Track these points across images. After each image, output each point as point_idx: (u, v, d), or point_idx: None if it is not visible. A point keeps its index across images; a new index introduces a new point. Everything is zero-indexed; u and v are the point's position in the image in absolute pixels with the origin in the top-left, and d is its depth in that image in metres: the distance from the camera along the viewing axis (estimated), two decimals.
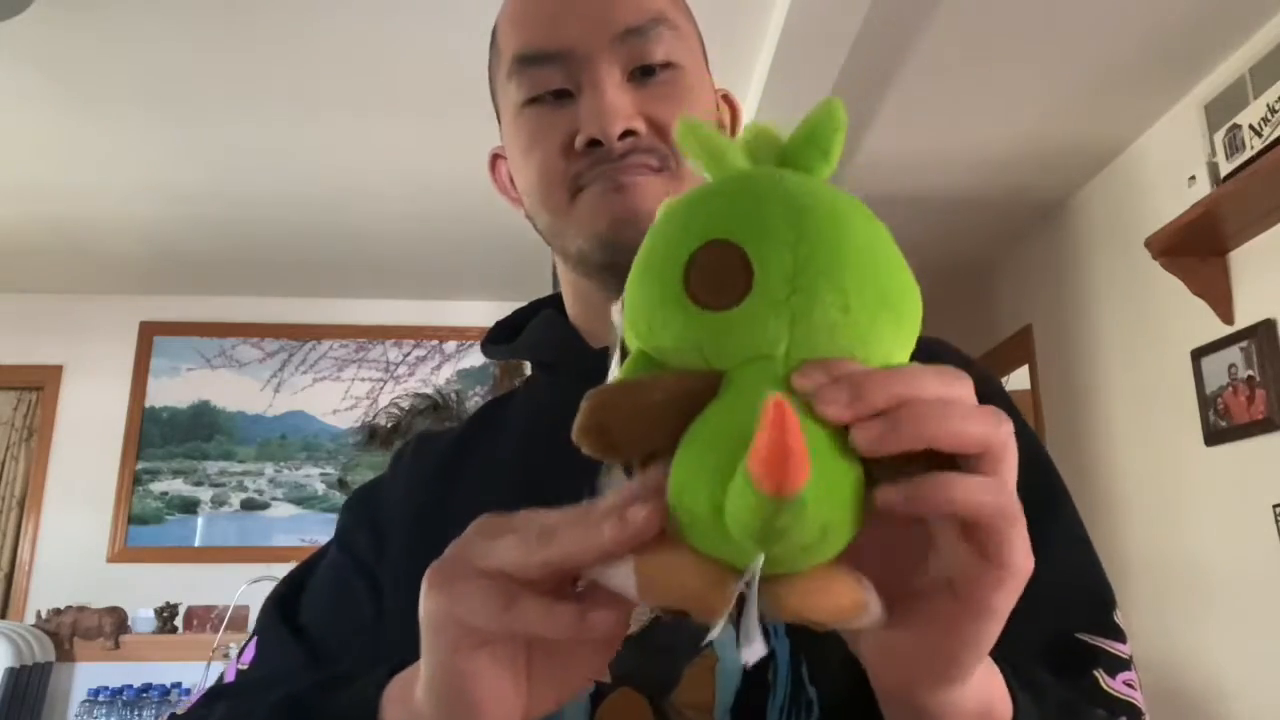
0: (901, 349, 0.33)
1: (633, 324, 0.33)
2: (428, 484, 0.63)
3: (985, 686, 0.38)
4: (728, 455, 0.29)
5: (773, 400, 0.26)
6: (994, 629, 0.33)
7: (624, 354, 0.35)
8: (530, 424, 0.63)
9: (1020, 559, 0.31)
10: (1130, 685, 0.52)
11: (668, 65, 0.59)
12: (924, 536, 0.32)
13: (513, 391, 0.71)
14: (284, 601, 0.63)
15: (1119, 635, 0.54)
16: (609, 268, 0.58)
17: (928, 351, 0.53)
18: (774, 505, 0.27)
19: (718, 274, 0.31)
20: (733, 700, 0.49)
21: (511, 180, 0.67)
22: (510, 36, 0.61)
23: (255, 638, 0.62)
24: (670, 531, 0.31)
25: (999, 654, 0.38)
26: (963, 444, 0.30)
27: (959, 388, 0.32)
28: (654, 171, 0.57)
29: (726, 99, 0.68)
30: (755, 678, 0.49)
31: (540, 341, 0.67)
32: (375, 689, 0.43)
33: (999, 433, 0.31)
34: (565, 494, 0.57)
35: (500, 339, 0.71)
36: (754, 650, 0.29)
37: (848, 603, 0.30)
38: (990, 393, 0.56)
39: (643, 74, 0.58)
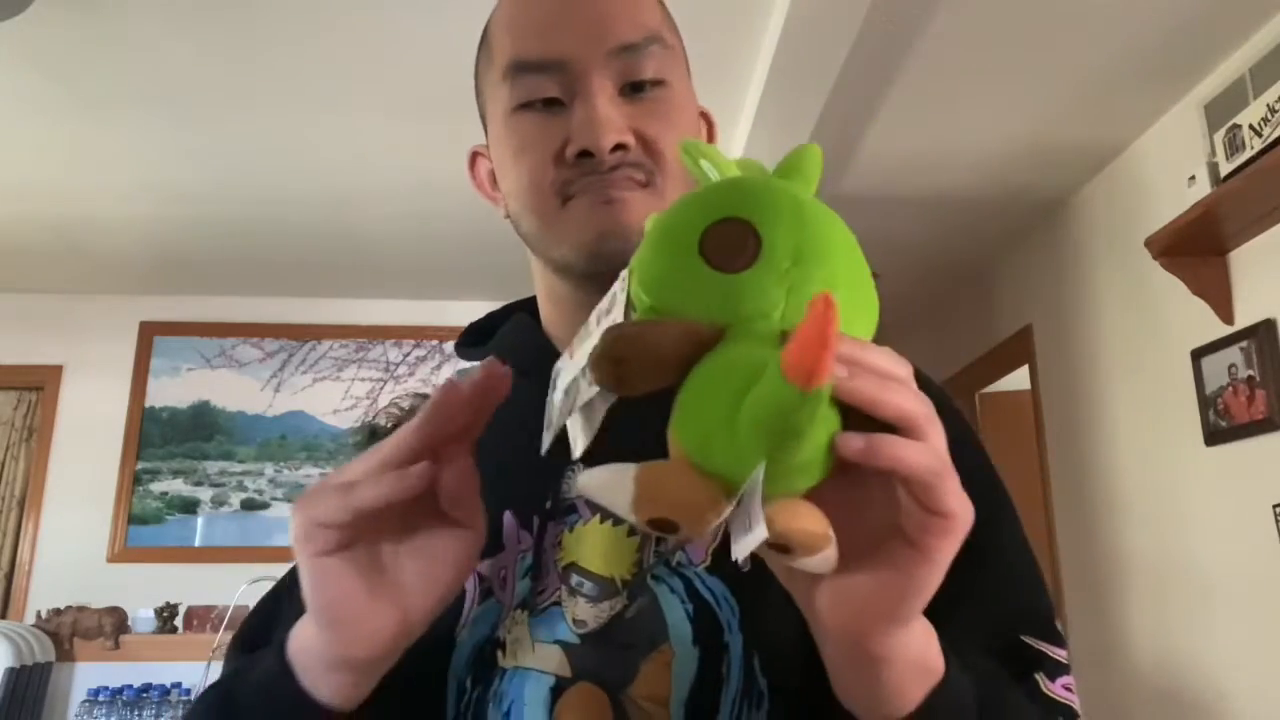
0: (866, 332, 0.40)
1: (644, 283, 0.38)
2: None
3: (925, 641, 0.42)
4: (740, 381, 0.33)
5: (823, 297, 0.31)
6: (937, 575, 0.37)
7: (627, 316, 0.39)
8: (500, 426, 0.65)
9: (956, 506, 0.36)
10: (1069, 689, 0.55)
11: (658, 83, 0.60)
12: (871, 492, 0.38)
13: None
14: (248, 634, 0.63)
15: (1060, 641, 0.57)
16: (592, 277, 0.59)
17: (933, 399, 0.55)
18: (798, 399, 0.31)
19: (732, 242, 0.36)
20: (688, 693, 0.51)
21: (492, 179, 0.68)
22: (505, 41, 0.62)
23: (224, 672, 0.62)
24: (673, 455, 0.36)
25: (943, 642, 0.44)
26: (901, 414, 0.36)
27: (903, 369, 0.38)
28: (640, 186, 0.59)
29: (705, 116, 0.69)
30: (709, 671, 0.52)
31: (512, 346, 0.68)
32: (280, 643, 0.48)
33: (924, 409, 0.37)
34: (532, 494, 0.59)
35: (473, 341, 0.73)
36: (754, 537, 0.33)
37: (821, 530, 0.35)
38: (945, 409, 0.60)
39: (634, 89, 0.60)
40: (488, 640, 0.55)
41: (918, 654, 0.42)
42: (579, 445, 0.41)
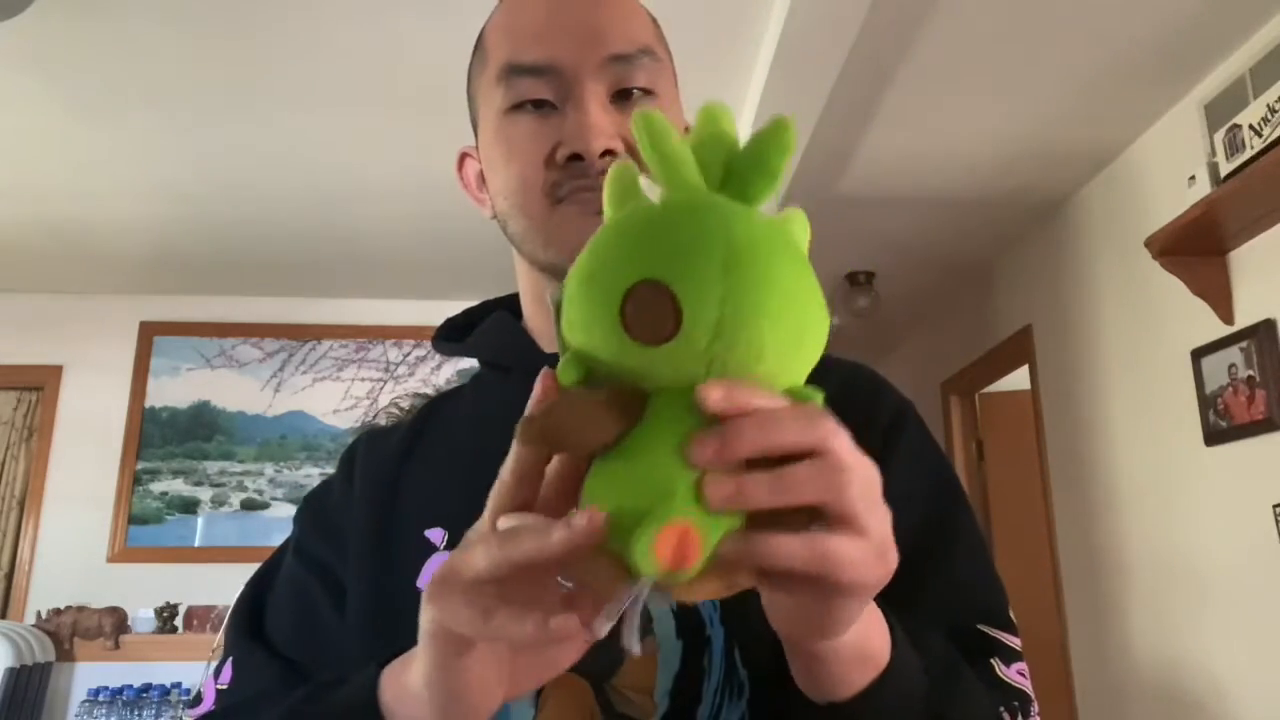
0: (801, 375, 0.38)
1: (570, 328, 0.38)
2: (382, 481, 0.66)
3: (865, 636, 0.44)
4: (645, 502, 0.34)
5: (677, 526, 0.33)
6: (859, 605, 0.39)
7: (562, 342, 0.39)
8: (481, 423, 0.66)
9: (874, 563, 0.36)
10: (1022, 674, 0.57)
11: (647, 93, 0.63)
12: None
13: (460, 388, 0.74)
14: (249, 618, 0.65)
15: (1014, 630, 0.60)
16: None
17: (848, 378, 0.62)
18: (667, 574, 0.33)
19: (650, 313, 0.35)
20: (671, 683, 0.54)
21: (480, 180, 0.70)
22: (502, 45, 0.64)
23: (230, 658, 0.63)
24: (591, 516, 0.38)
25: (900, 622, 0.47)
26: (803, 500, 0.35)
27: (792, 431, 0.35)
28: None
29: (689, 131, 0.70)
30: (692, 663, 0.54)
31: (493, 343, 0.70)
32: (371, 681, 0.48)
33: (821, 463, 0.35)
34: None
35: (451, 336, 0.74)
36: (634, 646, 0.35)
37: (715, 589, 0.36)
38: (907, 419, 0.65)
39: (624, 97, 0.62)
40: None
41: (856, 649, 0.44)
42: None
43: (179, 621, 3.22)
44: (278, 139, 2.56)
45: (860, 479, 0.35)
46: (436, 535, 0.60)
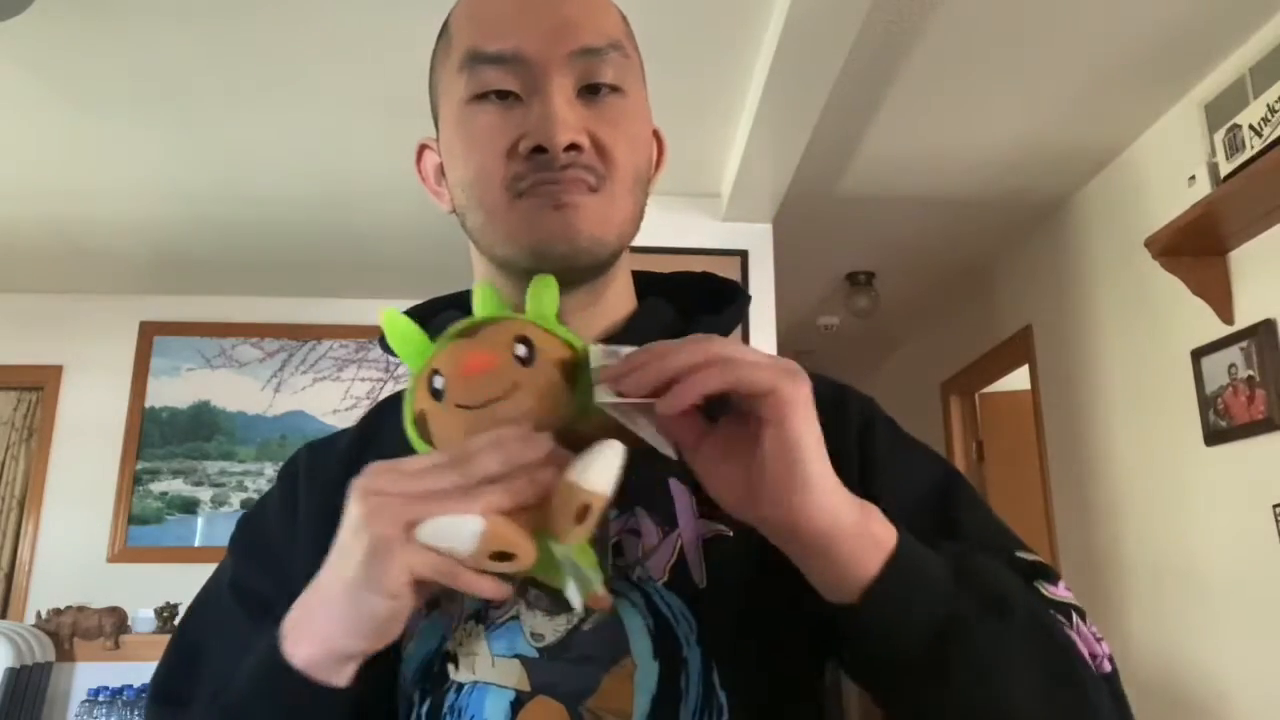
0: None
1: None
2: (330, 487, 0.60)
3: (862, 516, 0.48)
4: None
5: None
6: (799, 436, 0.45)
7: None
8: None
9: (769, 382, 0.45)
10: (1068, 590, 0.58)
11: (615, 89, 0.60)
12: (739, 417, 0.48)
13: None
14: (178, 686, 0.60)
15: (1039, 554, 0.61)
16: (533, 274, 0.59)
17: (835, 398, 0.64)
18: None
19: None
20: (649, 706, 0.52)
21: (438, 173, 0.67)
22: (466, 32, 0.61)
23: None
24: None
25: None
26: (664, 377, 0.46)
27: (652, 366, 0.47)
28: (590, 190, 0.58)
29: (656, 135, 0.70)
30: (669, 685, 0.53)
31: None
32: (270, 643, 0.49)
33: (673, 355, 0.47)
34: None
35: None
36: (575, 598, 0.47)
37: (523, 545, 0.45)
38: (876, 419, 0.65)
39: (591, 91, 0.60)
40: (436, 653, 0.55)
41: (857, 523, 0.47)
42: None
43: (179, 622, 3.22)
44: (278, 139, 2.56)
45: (723, 342, 0.46)
46: None
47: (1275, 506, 2.08)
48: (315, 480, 0.65)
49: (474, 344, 0.51)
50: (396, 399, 0.73)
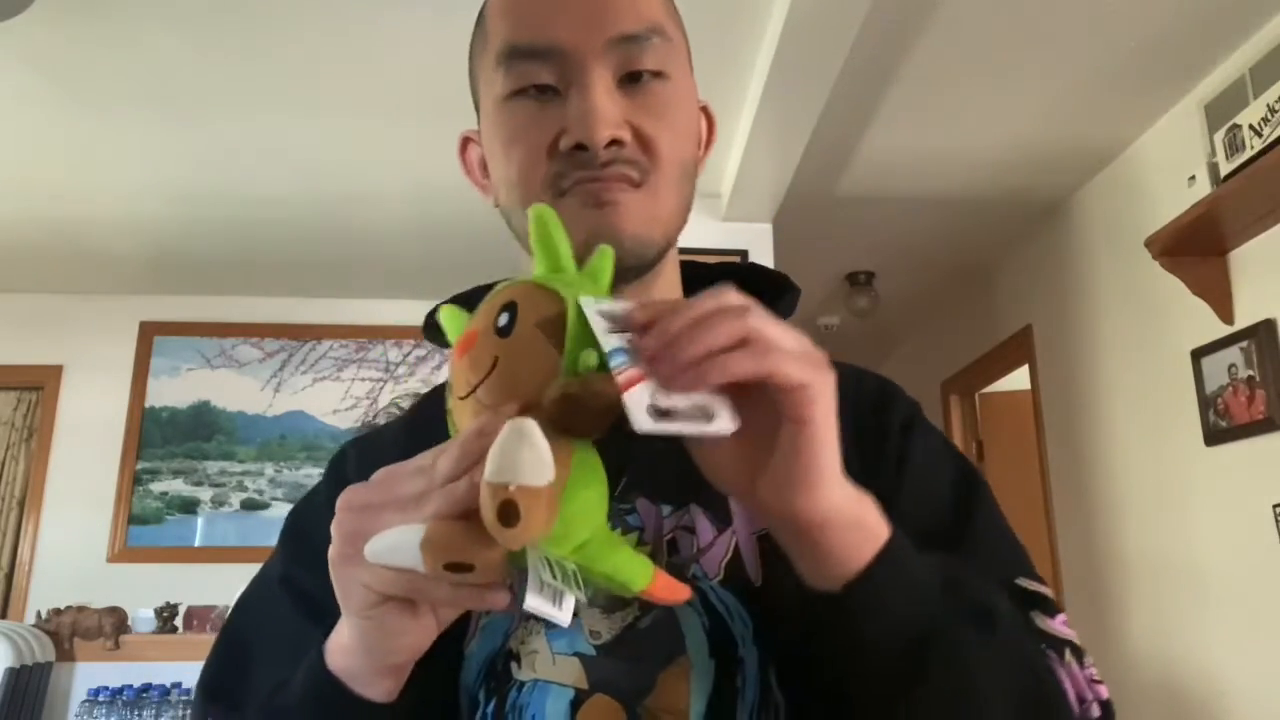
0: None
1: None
2: None
3: (859, 508, 0.45)
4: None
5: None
6: (821, 436, 0.42)
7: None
8: None
9: (800, 376, 0.41)
10: (1066, 625, 0.55)
11: (657, 74, 0.58)
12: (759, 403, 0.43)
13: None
14: (231, 680, 0.60)
15: (1047, 586, 0.58)
16: None
17: (856, 383, 0.62)
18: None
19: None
20: (705, 705, 0.51)
21: (483, 166, 0.65)
22: (501, 25, 0.59)
23: None
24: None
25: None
26: (700, 353, 0.41)
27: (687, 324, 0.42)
28: (634, 186, 0.57)
29: (705, 111, 0.68)
30: (725, 684, 0.52)
31: None
32: (319, 651, 0.49)
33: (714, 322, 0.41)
34: None
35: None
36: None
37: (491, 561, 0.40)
38: (916, 422, 0.64)
39: (632, 80, 0.58)
40: (499, 652, 0.54)
41: (852, 516, 0.45)
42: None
43: (179, 621, 3.21)
44: (278, 139, 2.56)
45: (760, 318, 0.41)
46: None
47: (1275, 506, 2.08)
48: (366, 471, 0.65)
49: (469, 324, 0.47)
50: (436, 395, 0.72)
